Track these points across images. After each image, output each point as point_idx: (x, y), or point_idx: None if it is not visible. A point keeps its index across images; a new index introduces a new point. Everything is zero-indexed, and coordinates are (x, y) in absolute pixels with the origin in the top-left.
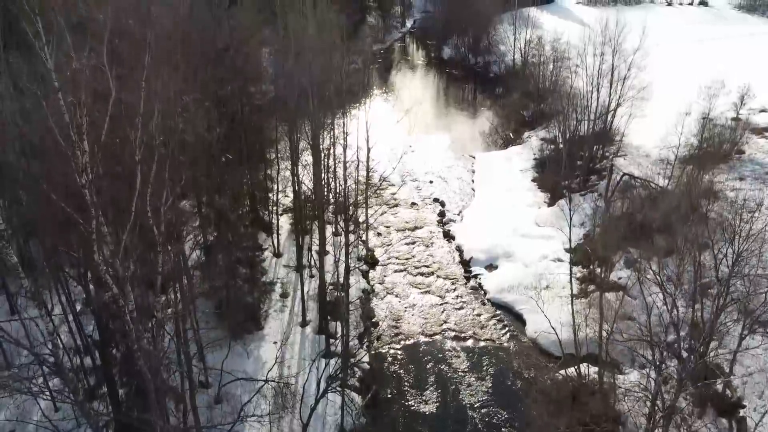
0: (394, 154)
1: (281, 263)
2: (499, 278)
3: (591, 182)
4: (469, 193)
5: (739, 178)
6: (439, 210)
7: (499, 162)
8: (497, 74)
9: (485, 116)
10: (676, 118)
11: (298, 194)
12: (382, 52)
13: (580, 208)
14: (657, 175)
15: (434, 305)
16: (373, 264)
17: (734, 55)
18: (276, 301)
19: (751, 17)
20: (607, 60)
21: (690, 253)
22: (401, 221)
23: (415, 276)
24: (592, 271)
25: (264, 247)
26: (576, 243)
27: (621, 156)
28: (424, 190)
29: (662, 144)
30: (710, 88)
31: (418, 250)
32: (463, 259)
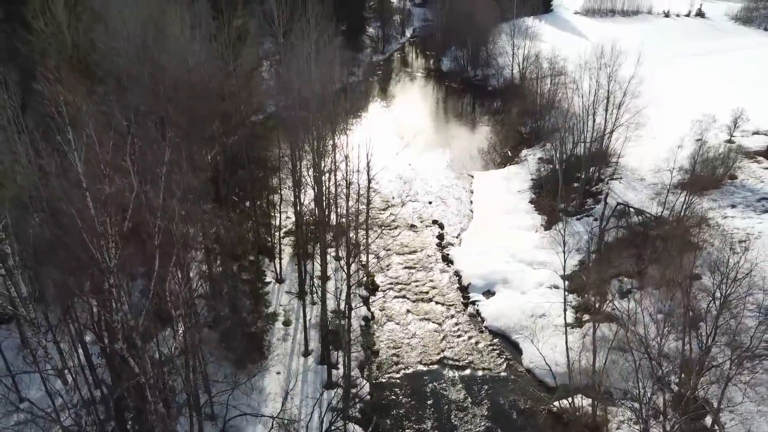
0: (395, 174)
1: (283, 289)
2: (496, 305)
3: (587, 206)
4: (468, 214)
5: (730, 205)
6: (438, 232)
7: (497, 183)
8: (496, 88)
9: (484, 132)
10: (669, 150)
11: (299, 216)
12: (382, 63)
13: (576, 233)
14: (651, 200)
15: (433, 333)
16: (373, 290)
17: (729, 72)
18: (279, 330)
19: (746, 29)
20: (603, 84)
21: (680, 286)
22: (401, 244)
23: (415, 302)
24: (586, 300)
25: (266, 272)
26: (572, 270)
27: (617, 179)
28: (423, 212)
29: (656, 167)
30: (701, 122)
31: (418, 275)
32: (462, 285)
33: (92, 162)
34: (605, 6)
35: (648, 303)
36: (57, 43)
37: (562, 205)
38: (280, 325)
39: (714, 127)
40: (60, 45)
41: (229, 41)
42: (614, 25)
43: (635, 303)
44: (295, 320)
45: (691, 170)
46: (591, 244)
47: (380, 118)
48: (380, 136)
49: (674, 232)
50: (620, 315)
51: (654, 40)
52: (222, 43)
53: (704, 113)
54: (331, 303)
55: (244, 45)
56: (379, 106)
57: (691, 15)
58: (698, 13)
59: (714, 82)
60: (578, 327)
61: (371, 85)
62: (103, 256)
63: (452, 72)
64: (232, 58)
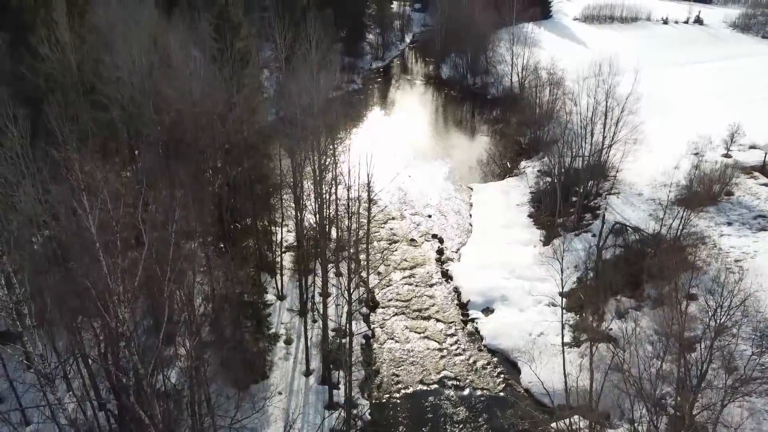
0: (395, 186)
1: (284, 306)
2: (495, 323)
3: (585, 221)
4: (467, 228)
5: (727, 222)
6: (437, 247)
7: (496, 196)
8: (495, 96)
9: (483, 142)
10: (666, 167)
11: (300, 232)
12: (381, 70)
13: (574, 249)
14: (649, 216)
15: (433, 351)
16: (373, 307)
17: (726, 83)
18: (281, 349)
19: (744, 36)
20: (601, 100)
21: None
22: (400, 259)
23: (415, 319)
24: (584, 319)
25: (267, 289)
26: (570, 287)
27: (615, 194)
28: (422, 225)
29: (654, 182)
30: (697, 143)
31: (418, 291)
32: (461, 302)
33: (106, 224)
34: (604, 13)
35: (645, 323)
36: (62, 69)
37: (560, 220)
38: (281, 344)
39: (710, 146)
40: (65, 70)
41: (231, 64)
42: (613, 32)
43: (633, 323)
44: (296, 338)
45: (688, 186)
46: (589, 262)
47: (380, 128)
48: (380, 147)
49: (671, 252)
50: (617, 336)
51: (652, 47)
52: (224, 64)
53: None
54: (332, 320)
55: (246, 66)
56: (379, 115)
57: (690, 22)
58: (696, 19)
59: (711, 94)
60: (576, 347)
61: (371, 93)
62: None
63: (452, 79)
64: (235, 82)
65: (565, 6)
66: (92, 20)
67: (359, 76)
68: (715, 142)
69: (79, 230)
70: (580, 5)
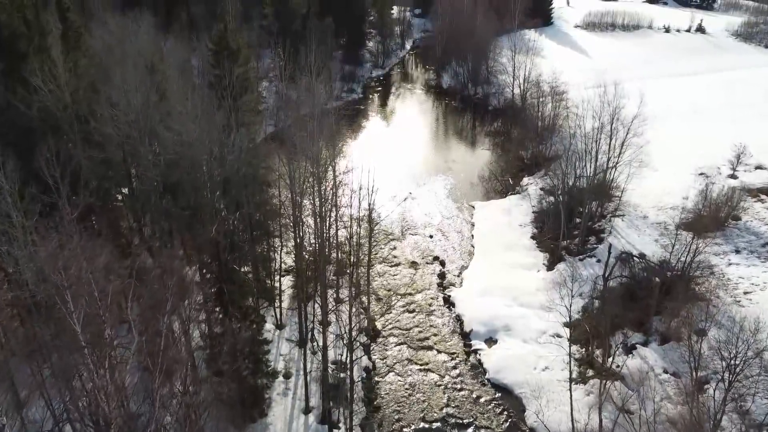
0: (396, 203)
1: (283, 336)
2: (498, 355)
3: (590, 244)
4: (469, 250)
5: (734, 250)
6: (439, 270)
7: (498, 215)
8: (496, 107)
9: (484, 157)
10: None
11: (299, 261)
12: (382, 78)
13: (578, 276)
14: (654, 242)
15: (435, 386)
16: (374, 336)
17: (730, 96)
18: (279, 383)
19: (747, 46)
20: (605, 121)
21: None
22: (401, 283)
23: (416, 350)
24: (590, 353)
25: (266, 318)
26: (575, 316)
27: (619, 216)
28: (423, 246)
29: (659, 204)
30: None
31: (419, 320)
32: (463, 331)
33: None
34: (605, 20)
35: (653, 360)
36: (55, 100)
37: (564, 242)
38: (280, 378)
39: (716, 167)
40: (58, 102)
41: (230, 92)
42: (614, 41)
43: (641, 360)
44: (295, 371)
45: (694, 210)
46: (594, 291)
47: (381, 140)
48: (381, 161)
49: (679, 284)
50: (625, 374)
51: (654, 57)
52: (223, 92)
53: (705, 151)
54: (331, 349)
55: (246, 93)
56: (380, 127)
57: (692, 30)
58: (698, 28)
59: (715, 107)
60: (582, 383)
61: (371, 103)
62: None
63: (452, 89)
64: (233, 116)
65: (566, 12)
66: (87, 47)
67: (359, 85)
68: (720, 162)
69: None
70: (581, 12)
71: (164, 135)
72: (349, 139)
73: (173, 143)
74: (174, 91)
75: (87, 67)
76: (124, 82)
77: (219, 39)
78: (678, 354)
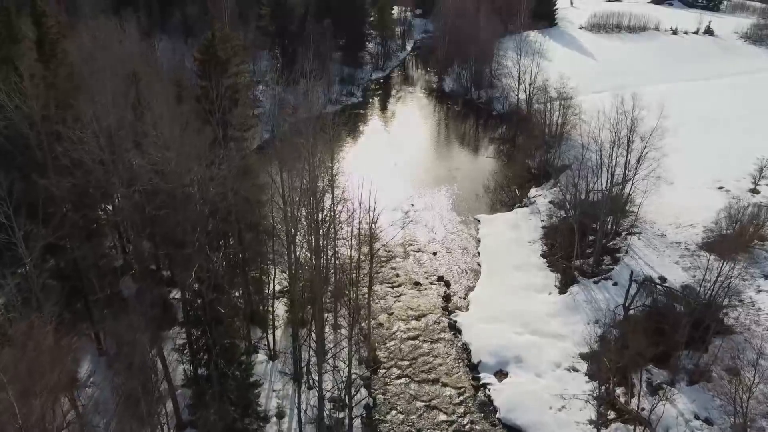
0: (398, 216)
1: (276, 368)
2: (509, 391)
3: (604, 264)
4: (475, 268)
5: (763, 275)
6: (443, 291)
7: (505, 230)
8: (501, 113)
9: (489, 165)
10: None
11: (293, 282)
12: (382, 81)
13: (593, 300)
14: (675, 264)
15: (441, 426)
16: (375, 367)
17: (744, 102)
18: (272, 424)
19: (756, 49)
20: (622, 135)
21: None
22: (404, 306)
23: (420, 383)
24: (611, 391)
25: (258, 347)
26: (590, 346)
27: (635, 233)
28: (427, 265)
29: (677, 222)
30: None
31: (423, 348)
32: (471, 362)
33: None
34: (611, 21)
35: (682, 405)
36: (21, 116)
37: (577, 262)
38: (273, 418)
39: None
40: (25, 118)
41: (219, 105)
42: (621, 43)
43: (668, 402)
44: (289, 410)
45: (716, 230)
46: (613, 319)
47: (381, 147)
48: (382, 169)
49: (707, 314)
50: (652, 418)
51: (663, 60)
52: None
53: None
54: (329, 381)
55: (236, 106)
56: (380, 132)
57: (700, 32)
58: (707, 30)
59: (730, 115)
60: (603, 426)
61: (371, 107)
62: None
63: (455, 93)
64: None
65: (570, 13)
66: (65, 55)
67: (359, 88)
68: (739, 175)
69: None
70: (586, 13)
71: (139, 162)
72: (348, 146)
73: (148, 172)
74: (155, 107)
75: (63, 77)
76: (97, 97)
77: (206, 48)
78: (709, 397)
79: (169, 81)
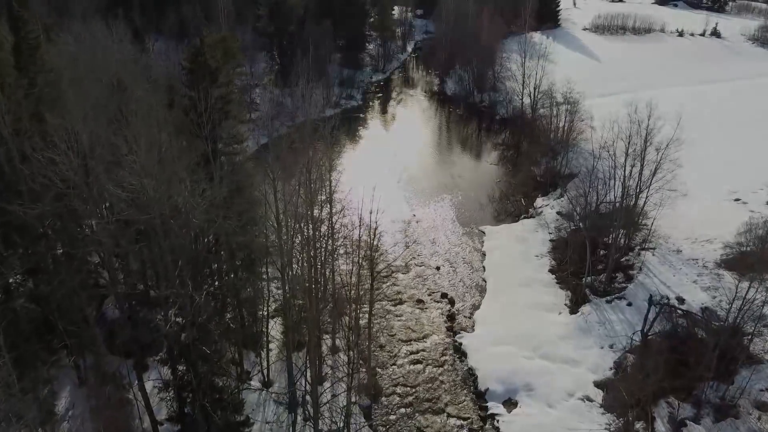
0: (399, 227)
1: (271, 397)
2: (520, 424)
3: (617, 282)
4: (480, 285)
5: None
6: (447, 310)
7: (511, 243)
8: (504, 117)
9: (493, 172)
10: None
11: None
12: (382, 83)
13: (607, 320)
14: (693, 283)
15: None
16: (375, 395)
17: (755, 107)
18: None
19: (764, 51)
20: (636, 144)
21: None
22: (406, 327)
23: (424, 413)
24: (630, 425)
25: (251, 375)
26: (606, 373)
27: (649, 249)
28: (430, 281)
29: (693, 236)
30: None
31: (426, 373)
32: (477, 390)
33: None
34: (615, 23)
35: None
36: None
37: (588, 279)
38: None
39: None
40: None
41: (207, 119)
42: (626, 45)
43: None
44: None
45: (736, 245)
46: (629, 344)
47: (382, 152)
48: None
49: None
50: None
51: (670, 63)
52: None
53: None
54: (326, 409)
55: (227, 118)
56: (381, 137)
57: (706, 34)
58: (713, 32)
59: (741, 120)
60: None
61: (372, 111)
62: None
63: (457, 96)
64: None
65: (573, 14)
66: (44, 62)
67: (359, 91)
68: (756, 186)
69: None
70: (590, 14)
71: (113, 190)
72: (347, 153)
73: (122, 201)
74: (133, 124)
75: (42, 86)
76: (74, 110)
77: (194, 56)
78: None
79: (160, 87)
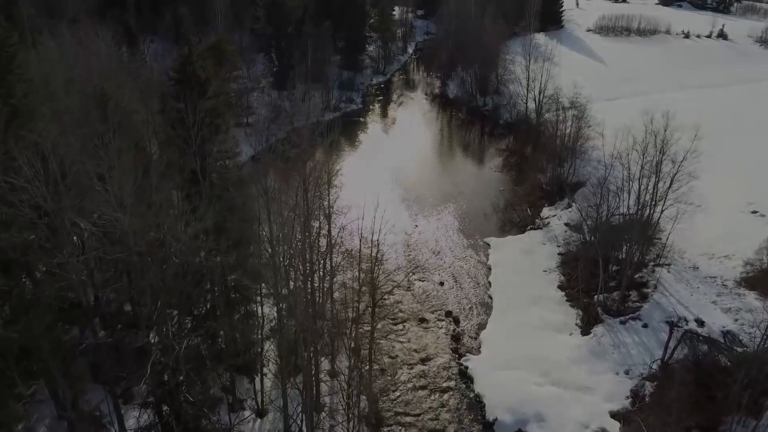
0: (400, 238)
1: (265, 427)
2: None
3: (631, 301)
4: (486, 302)
5: None
6: (452, 329)
7: (517, 257)
8: (508, 121)
9: (497, 179)
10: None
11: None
12: (383, 86)
13: (622, 343)
14: (712, 304)
15: None
16: (377, 424)
17: None
18: None
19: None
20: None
21: None
22: (409, 349)
23: None
24: None
25: (245, 403)
26: (623, 402)
27: (664, 265)
28: (433, 296)
29: (710, 253)
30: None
31: (430, 400)
32: (485, 419)
33: None
34: (620, 24)
35: None
36: None
37: (600, 297)
38: None
39: None
40: None
41: (195, 133)
42: (631, 47)
43: None
44: None
45: (759, 264)
46: (647, 371)
47: (382, 159)
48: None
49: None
50: None
51: (677, 65)
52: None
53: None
54: None
55: (218, 132)
56: (381, 143)
57: (713, 36)
58: (720, 34)
59: (755, 127)
60: None
61: (372, 114)
62: None
63: (459, 99)
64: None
65: (576, 15)
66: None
67: (359, 94)
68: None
69: None
70: (594, 15)
71: (84, 224)
72: (346, 159)
73: (92, 235)
74: (111, 147)
75: (19, 98)
76: (48, 126)
77: (182, 66)
78: None
79: (152, 93)
